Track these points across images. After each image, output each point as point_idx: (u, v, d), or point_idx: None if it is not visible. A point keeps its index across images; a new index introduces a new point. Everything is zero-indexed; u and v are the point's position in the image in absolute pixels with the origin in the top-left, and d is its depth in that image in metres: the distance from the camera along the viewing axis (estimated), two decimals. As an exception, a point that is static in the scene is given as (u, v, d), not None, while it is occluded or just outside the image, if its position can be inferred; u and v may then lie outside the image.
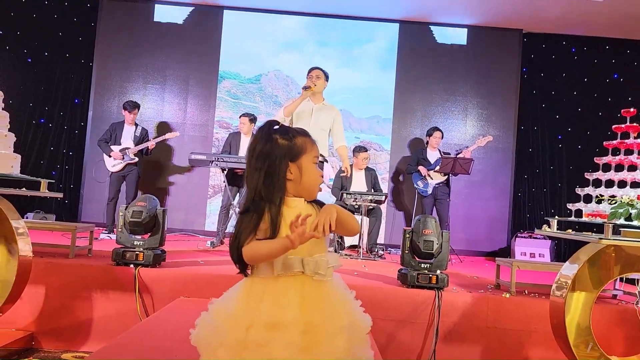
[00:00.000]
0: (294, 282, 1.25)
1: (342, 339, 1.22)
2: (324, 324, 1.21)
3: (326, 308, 1.24)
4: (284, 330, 1.17)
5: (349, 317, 1.26)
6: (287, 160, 1.31)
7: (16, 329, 3.33)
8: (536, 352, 3.38)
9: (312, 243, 1.28)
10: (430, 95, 7.17)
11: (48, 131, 7.16)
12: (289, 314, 1.19)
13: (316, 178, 1.34)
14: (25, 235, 3.14)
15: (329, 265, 1.27)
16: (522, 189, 7.18)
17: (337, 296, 1.29)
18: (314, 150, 1.35)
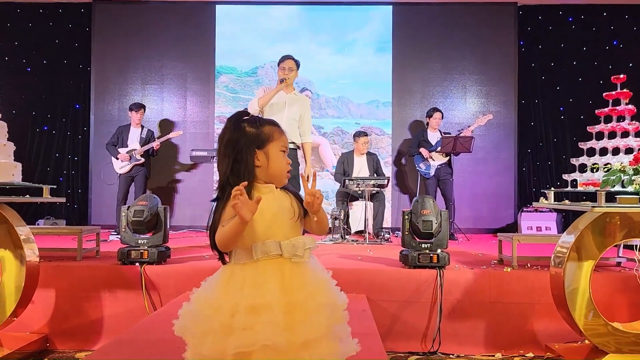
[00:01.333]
0: (273, 265, 1.29)
1: (323, 315, 1.27)
2: (305, 303, 1.26)
3: (306, 288, 1.28)
4: (267, 312, 1.22)
5: (328, 296, 1.31)
6: (254, 148, 1.35)
7: (31, 331, 3.43)
8: (541, 323, 3.41)
9: (289, 227, 1.32)
10: (428, 76, 7.14)
11: (52, 138, 7.26)
12: (271, 296, 1.24)
13: (283, 165, 1.37)
14: (30, 241, 3.22)
15: (306, 247, 1.31)
16: (526, 163, 7.15)
17: (316, 276, 1.33)
18: (282, 139, 1.39)
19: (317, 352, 1.25)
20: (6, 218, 3.09)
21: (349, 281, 3.49)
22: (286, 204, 1.35)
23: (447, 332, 3.42)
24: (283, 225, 1.32)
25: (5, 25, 7.23)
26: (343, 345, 1.34)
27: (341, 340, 1.35)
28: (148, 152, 6.11)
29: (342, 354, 1.34)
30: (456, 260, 3.97)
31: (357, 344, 1.38)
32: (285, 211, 1.34)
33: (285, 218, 1.34)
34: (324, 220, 1.39)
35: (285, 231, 1.31)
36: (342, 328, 1.37)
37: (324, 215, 1.38)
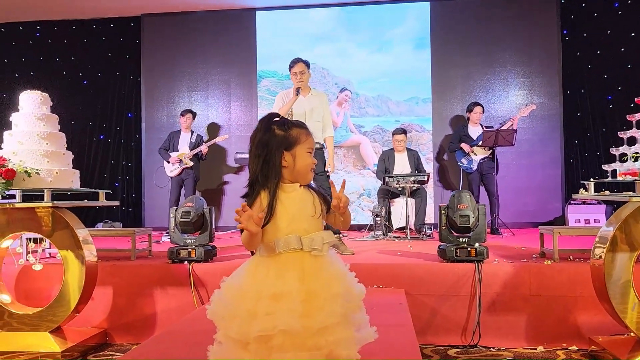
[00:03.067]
0: (294, 257, 1.39)
1: (338, 304, 1.35)
2: (321, 291, 1.35)
3: (323, 278, 1.38)
4: (287, 299, 1.32)
5: (344, 286, 1.39)
6: (282, 149, 1.45)
7: (92, 326, 3.69)
8: (584, 316, 3.37)
9: (310, 224, 1.43)
10: (468, 70, 7.08)
11: (107, 146, 7.70)
12: (290, 285, 1.34)
13: (309, 164, 1.47)
14: (89, 242, 3.47)
15: (324, 242, 1.40)
16: (573, 155, 6.97)
17: (333, 268, 1.42)
18: (309, 141, 1.49)
19: (333, 338, 1.33)
20: (67, 221, 3.35)
21: (387, 276, 3.57)
22: (308, 202, 1.45)
23: (487, 326, 3.43)
24: (304, 222, 1.42)
25: (63, 42, 7.72)
26: (359, 333, 1.42)
27: (358, 328, 1.43)
28: (197, 156, 6.38)
29: (358, 340, 1.42)
30: (497, 255, 3.97)
31: (374, 332, 1.46)
32: (306, 209, 1.44)
33: (307, 215, 1.43)
34: (348, 218, 1.50)
35: (306, 227, 1.41)
36: (359, 317, 1.45)
37: (348, 214, 1.49)
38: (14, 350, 3.20)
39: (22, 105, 3.46)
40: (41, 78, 7.45)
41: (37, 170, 3.22)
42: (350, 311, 1.39)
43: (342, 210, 1.43)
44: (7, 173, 3.01)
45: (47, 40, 7.77)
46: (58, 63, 7.75)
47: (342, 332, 1.35)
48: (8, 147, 3.33)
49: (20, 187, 3.19)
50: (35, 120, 3.39)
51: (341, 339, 1.34)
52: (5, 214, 3.35)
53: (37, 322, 3.33)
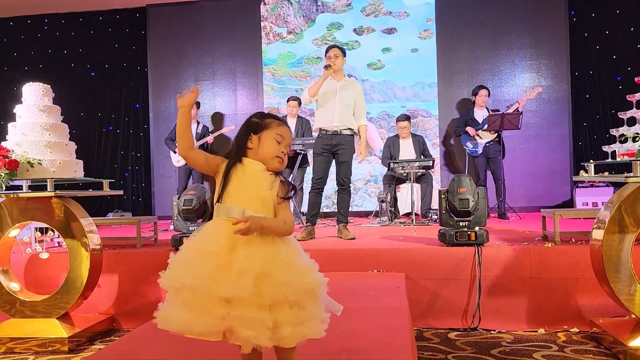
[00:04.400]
0: (229, 224, 1.41)
1: (249, 278, 1.34)
2: (238, 262, 1.37)
3: (247, 251, 1.39)
4: (203, 259, 1.38)
5: (265, 265, 1.37)
6: (250, 132, 1.56)
7: (99, 313, 3.78)
8: (585, 298, 3.36)
9: (253, 200, 1.47)
10: (474, 53, 7.01)
11: (117, 137, 7.79)
12: (213, 247, 1.40)
13: (272, 151, 1.53)
14: (94, 231, 3.54)
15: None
16: (582, 137, 6.88)
17: (264, 245, 1.41)
18: (279, 129, 1.56)
19: (237, 313, 1.33)
20: (71, 210, 3.42)
21: (388, 261, 3.59)
22: (263, 183, 1.49)
23: (488, 309, 3.44)
24: (248, 197, 1.47)
25: (70, 35, 7.80)
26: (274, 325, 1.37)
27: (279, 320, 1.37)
28: (203, 147, 6.43)
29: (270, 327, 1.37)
30: (500, 238, 3.97)
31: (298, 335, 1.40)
32: (257, 187, 1.49)
33: (255, 193, 1.48)
34: (272, 230, 1.46)
35: (247, 201, 1.46)
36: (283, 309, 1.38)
37: (268, 227, 1.44)
38: (24, 336, 3.30)
39: (25, 97, 3.53)
40: (49, 71, 7.54)
41: (40, 160, 3.28)
42: (268, 294, 1.34)
43: (243, 233, 1.39)
44: (10, 164, 3.08)
45: (55, 33, 7.85)
46: (66, 55, 7.84)
47: (247, 310, 1.33)
48: (12, 138, 3.40)
49: (24, 177, 3.27)
50: (38, 111, 3.46)
51: (246, 317, 1.32)
52: (11, 203, 3.43)
53: (45, 308, 3.42)
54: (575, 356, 2.83)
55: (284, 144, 1.56)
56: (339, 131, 4.32)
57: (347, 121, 4.33)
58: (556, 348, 2.98)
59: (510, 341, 3.14)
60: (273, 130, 1.55)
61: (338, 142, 4.33)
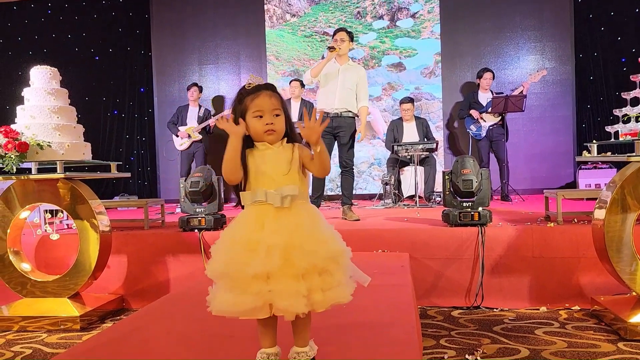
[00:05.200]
0: (260, 209, 1.46)
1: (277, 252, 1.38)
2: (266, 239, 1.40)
3: (276, 228, 1.42)
4: (239, 246, 1.41)
5: (293, 238, 1.41)
6: (238, 118, 1.54)
7: (109, 293, 3.85)
8: (587, 277, 3.41)
9: (279, 179, 1.48)
10: (478, 36, 6.99)
11: (122, 121, 7.83)
12: (245, 233, 1.43)
13: (258, 128, 1.51)
14: (103, 213, 3.60)
15: (284, 195, 1.45)
16: (585, 120, 6.89)
17: (291, 219, 1.45)
18: (254, 104, 1.52)
19: (271, 287, 1.37)
20: (80, 193, 3.47)
21: (392, 241, 3.65)
22: (282, 160, 1.51)
23: (490, 287, 3.50)
24: (272, 175, 1.49)
25: (74, 19, 7.80)
26: (315, 294, 1.42)
27: (309, 289, 1.41)
28: (205, 130, 6.47)
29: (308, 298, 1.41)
30: (503, 219, 4.02)
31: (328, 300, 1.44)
32: (278, 166, 1.50)
33: (278, 172, 1.49)
34: (324, 157, 1.51)
35: (275, 180, 1.48)
36: (320, 276, 1.44)
37: (323, 151, 1.50)
38: (36, 315, 3.37)
39: (33, 80, 3.56)
40: (54, 55, 7.56)
41: (49, 143, 3.33)
42: (300, 264, 1.39)
43: (314, 140, 1.46)
44: (20, 146, 3.13)
45: (59, 17, 7.85)
46: (70, 40, 7.84)
47: (281, 282, 1.38)
48: (21, 121, 3.44)
49: (33, 159, 3.32)
50: (46, 94, 3.49)
51: (281, 290, 1.37)
52: (21, 185, 3.49)
53: (56, 288, 3.50)
54: (576, 332, 2.89)
55: (266, 113, 1.51)
56: (339, 113, 4.36)
57: (349, 104, 4.36)
58: (557, 325, 3.04)
59: (512, 319, 3.20)
60: (250, 109, 1.52)
61: (339, 125, 4.37)
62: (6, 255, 3.56)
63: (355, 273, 1.55)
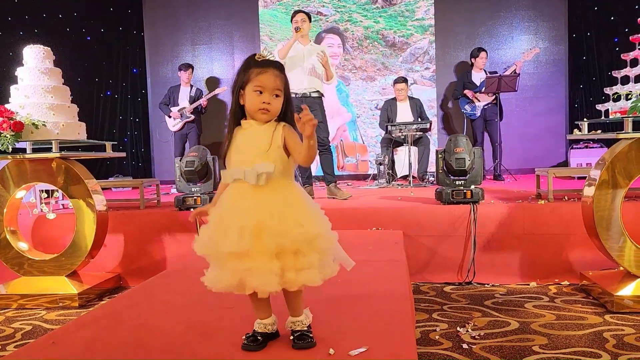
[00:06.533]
0: (239, 187, 1.47)
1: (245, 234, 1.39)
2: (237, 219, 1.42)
3: (261, 209, 1.43)
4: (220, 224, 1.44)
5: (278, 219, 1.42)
6: (238, 88, 1.51)
7: (106, 271, 3.90)
8: (576, 253, 3.49)
9: (259, 157, 1.46)
10: (472, 15, 6.98)
11: (115, 102, 7.79)
12: (226, 210, 1.46)
13: (255, 104, 1.49)
14: (99, 192, 3.62)
15: (258, 172, 1.44)
16: (578, 99, 6.93)
17: (271, 200, 1.45)
18: (258, 79, 1.48)
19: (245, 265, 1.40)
20: (76, 172, 3.49)
21: (386, 219, 3.70)
22: (263, 137, 1.49)
23: (482, 264, 3.57)
24: (252, 156, 1.47)
25: (65, -3, 7.69)
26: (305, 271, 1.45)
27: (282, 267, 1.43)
28: (198, 110, 6.45)
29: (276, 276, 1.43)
30: (495, 197, 4.07)
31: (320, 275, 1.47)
32: (259, 144, 1.48)
33: (258, 150, 1.47)
34: (313, 149, 1.47)
35: (254, 158, 1.46)
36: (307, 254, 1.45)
37: (314, 144, 1.46)
38: (34, 293, 3.41)
39: (26, 59, 3.55)
40: (45, 35, 7.43)
41: (44, 122, 3.33)
42: (274, 247, 1.41)
43: (308, 132, 1.41)
44: (15, 125, 3.13)
45: (49, -4, 7.74)
46: (61, 20, 7.73)
47: (253, 261, 1.40)
48: (15, 100, 3.44)
49: (28, 139, 3.32)
50: (39, 74, 3.48)
51: (253, 268, 1.40)
52: (18, 165, 3.50)
53: (54, 267, 3.53)
54: (564, 306, 2.97)
55: (266, 92, 1.48)
56: (308, 94, 4.44)
57: (316, 84, 4.46)
58: (547, 299, 3.11)
59: (503, 293, 3.28)
60: (252, 82, 1.48)
61: (309, 105, 4.41)
62: (3, 234, 3.58)
63: (339, 256, 1.56)
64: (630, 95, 3.10)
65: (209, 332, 1.66)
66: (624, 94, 3.01)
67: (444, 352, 2.33)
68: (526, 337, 2.48)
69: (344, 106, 7.31)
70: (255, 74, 1.48)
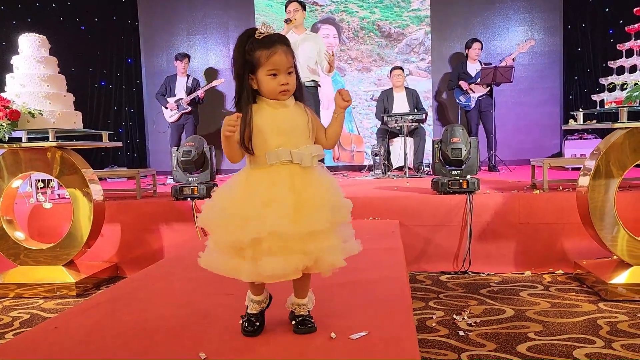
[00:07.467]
0: (284, 169, 1.43)
1: (326, 212, 1.40)
2: (310, 201, 1.41)
3: (312, 188, 1.43)
4: (277, 205, 1.38)
5: (331, 197, 1.45)
6: (247, 73, 1.45)
7: (103, 261, 3.90)
8: (570, 242, 3.52)
9: (299, 139, 1.46)
10: (468, 6, 6.98)
11: (109, 92, 7.75)
12: (281, 193, 1.40)
13: (272, 88, 1.45)
14: (95, 182, 3.62)
15: (313, 155, 1.45)
16: (573, 91, 6.96)
17: (322, 180, 1.47)
18: (270, 62, 1.43)
19: (320, 245, 1.40)
20: (73, 161, 3.48)
21: (383, 208, 3.72)
22: (301, 121, 1.47)
23: (477, 253, 3.60)
24: (294, 137, 1.45)
25: (58, -14, 7.62)
26: (346, 244, 1.48)
27: (345, 240, 1.48)
28: (195, 101, 6.43)
29: (344, 250, 1.47)
30: (490, 187, 4.10)
31: (359, 244, 1.51)
32: (299, 127, 1.47)
33: (299, 133, 1.46)
34: (340, 127, 1.54)
35: (296, 142, 1.45)
36: (346, 229, 1.51)
37: (342, 120, 1.53)
38: (31, 282, 3.42)
39: (22, 48, 3.52)
40: (39, 24, 7.39)
41: (41, 111, 3.32)
42: (337, 222, 1.45)
43: (343, 105, 1.49)
44: (12, 114, 3.12)
45: (42, -15, 7.67)
46: (54, 9, 7.68)
47: (328, 240, 1.41)
48: (11, 89, 3.42)
49: (25, 128, 3.31)
50: (35, 62, 3.47)
51: (327, 246, 1.41)
52: (14, 154, 3.48)
53: (50, 256, 3.53)
54: (559, 294, 3.00)
55: (282, 72, 1.44)
56: (303, 84, 4.39)
57: (310, 74, 4.42)
58: (541, 288, 3.15)
59: (498, 282, 3.31)
60: (265, 67, 1.43)
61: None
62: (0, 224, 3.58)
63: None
64: (625, 85, 3.12)
65: (210, 317, 1.67)
66: (619, 84, 3.03)
67: (440, 338, 2.36)
68: (521, 324, 2.51)
69: (339, 97, 7.30)
70: (265, 57, 1.42)
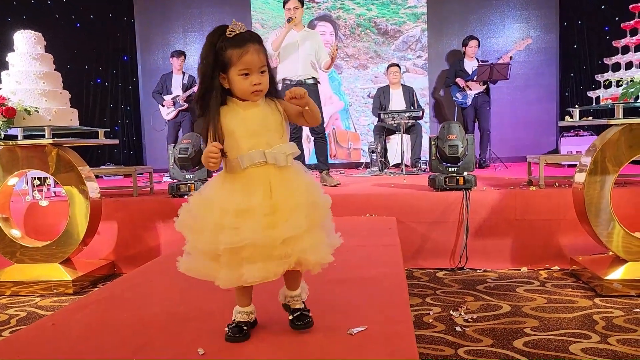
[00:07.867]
0: (259, 172, 1.39)
1: (303, 213, 1.37)
2: (286, 203, 1.37)
3: (288, 190, 1.39)
4: (251, 215, 1.35)
5: (308, 196, 1.41)
6: (218, 72, 1.39)
7: (100, 258, 3.89)
8: (566, 238, 3.54)
9: (271, 137, 1.41)
10: (464, 3, 6.98)
11: (105, 90, 7.72)
12: (255, 201, 1.36)
13: (244, 88, 1.39)
14: (92, 179, 3.61)
15: (287, 154, 1.40)
16: (568, 88, 6.98)
17: (297, 179, 1.42)
18: (242, 62, 1.37)
19: (299, 246, 1.36)
20: (69, 159, 3.47)
21: (380, 205, 3.72)
22: (270, 116, 1.42)
23: (474, 249, 3.61)
24: (265, 136, 1.40)
25: (53, -17, 7.58)
26: (330, 237, 1.46)
27: (328, 234, 1.46)
28: (191, 98, 6.42)
29: (331, 246, 1.45)
30: (487, 184, 4.11)
31: (339, 238, 1.49)
32: (268, 123, 1.42)
33: (269, 129, 1.42)
34: (315, 110, 1.46)
35: (267, 140, 1.40)
36: (326, 223, 1.47)
37: (312, 105, 1.44)
38: (28, 280, 3.41)
39: (17, 45, 3.51)
40: (34, 21, 7.34)
41: (37, 108, 3.31)
42: (316, 221, 1.41)
43: (303, 103, 1.40)
44: (7, 111, 3.11)
45: (37, -18, 7.63)
46: (50, 6, 7.63)
47: (308, 239, 1.38)
48: (6, 86, 3.41)
49: (21, 125, 3.29)
50: (31, 59, 3.45)
51: (309, 246, 1.38)
52: (10, 152, 3.47)
53: (47, 254, 3.53)
54: (555, 290, 3.02)
55: (254, 72, 1.38)
56: (303, 81, 4.41)
57: (311, 71, 4.42)
58: (538, 284, 3.16)
59: (494, 278, 3.32)
60: (236, 66, 1.37)
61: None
62: (-5, 221, 3.57)
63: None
64: (621, 82, 3.14)
65: (208, 314, 1.67)
66: (615, 80, 3.04)
67: (437, 334, 2.37)
68: (518, 320, 2.52)
69: (336, 94, 7.31)
70: (236, 56, 1.36)
